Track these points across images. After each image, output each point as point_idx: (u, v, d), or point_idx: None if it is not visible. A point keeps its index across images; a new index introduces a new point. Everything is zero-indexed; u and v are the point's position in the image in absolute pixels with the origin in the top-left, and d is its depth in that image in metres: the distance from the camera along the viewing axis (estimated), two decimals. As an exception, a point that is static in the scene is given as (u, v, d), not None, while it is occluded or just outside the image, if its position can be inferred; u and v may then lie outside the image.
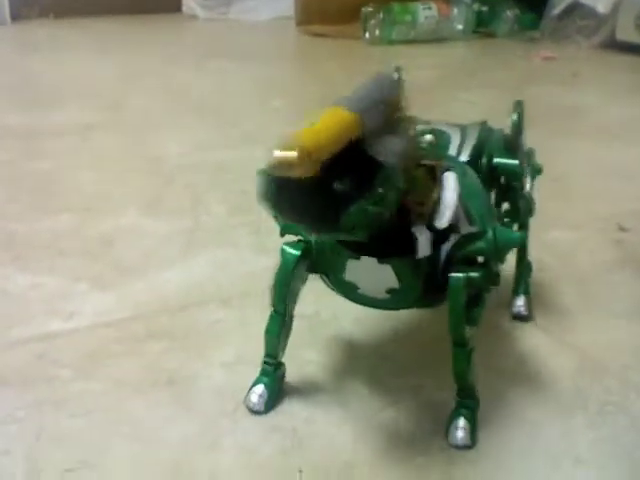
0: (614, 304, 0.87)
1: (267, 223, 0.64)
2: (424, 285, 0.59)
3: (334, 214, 0.48)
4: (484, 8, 2.89)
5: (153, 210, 1.13)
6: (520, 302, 0.82)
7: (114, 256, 0.98)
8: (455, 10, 2.82)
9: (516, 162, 0.71)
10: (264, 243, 0.60)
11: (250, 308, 0.83)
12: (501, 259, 0.60)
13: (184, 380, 0.71)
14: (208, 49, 2.63)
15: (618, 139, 1.57)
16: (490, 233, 0.58)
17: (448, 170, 0.58)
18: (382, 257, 0.56)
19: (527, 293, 0.83)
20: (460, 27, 2.84)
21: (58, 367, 0.73)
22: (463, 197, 0.59)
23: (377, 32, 2.71)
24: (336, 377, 0.73)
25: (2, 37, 2.83)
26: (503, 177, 0.72)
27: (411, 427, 0.65)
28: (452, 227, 0.57)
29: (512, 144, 0.72)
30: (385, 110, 0.49)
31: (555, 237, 1.02)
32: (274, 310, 0.65)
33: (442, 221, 0.55)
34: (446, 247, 0.58)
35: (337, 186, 0.47)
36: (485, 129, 0.73)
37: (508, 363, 0.75)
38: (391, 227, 0.52)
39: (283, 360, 0.68)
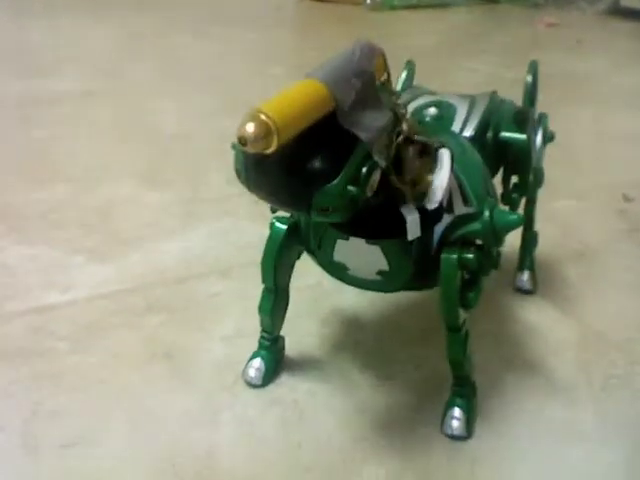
0: (619, 275, 0.86)
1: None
2: (416, 267, 0.56)
3: (307, 193, 0.45)
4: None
5: (151, 180, 1.12)
6: (525, 277, 0.81)
7: (111, 227, 0.97)
8: (458, -25, 2.77)
9: (524, 137, 0.68)
10: (264, 213, 0.59)
11: (250, 280, 0.81)
12: (499, 242, 0.57)
13: (183, 353, 0.70)
14: (206, 15, 2.59)
15: (622, 106, 1.55)
16: (487, 214, 0.54)
17: (442, 147, 0.54)
18: (371, 238, 0.54)
19: (532, 269, 0.82)
20: (462, -8, 2.80)
21: (55, 340, 0.72)
22: (459, 176, 0.56)
23: (378, -3, 2.67)
24: (338, 349, 0.72)
25: (-3, 4, 2.79)
26: (510, 152, 0.69)
27: (414, 399, 0.65)
28: (445, 207, 0.54)
29: (522, 117, 0.69)
30: (361, 81, 0.45)
31: (559, 206, 1.01)
32: (265, 287, 0.63)
33: (432, 201, 0.52)
34: (439, 228, 0.55)
35: (310, 162, 0.44)
36: (495, 101, 0.70)
37: (511, 336, 0.74)
38: (378, 207, 0.49)
39: (284, 332, 0.67)
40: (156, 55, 1.97)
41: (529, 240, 0.81)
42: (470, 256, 0.55)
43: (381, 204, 0.49)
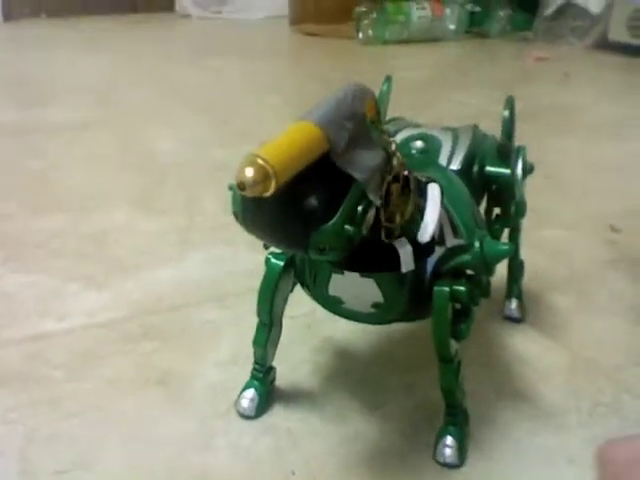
0: (607, 303, 0.87)
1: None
2: (410, 299, 0.57)
3: (305, 233, 0.46)
4: (477, 8, 2.90)
5: (148, 208, 1.13)
6: (512, 305, 0.82)
7: (107, 255, 0.98)
8: (448, 10, 2.82)
9: (508, 171, 0.70)
10: (259, 241, 0.60)
11: (245, 307, 0.82)
12: (489, 272, 0.58)
13: (178, 380, 0.71)
14: (202, 47, 2.63)
15: (610, 136, 1.58)
16: (477, 245, 0.56)
17: (431, 181, 0.55)
18: (365, 271, 0.55)
19: (519, 297, 0.83)
20: (453, 27, 2.85)
21: (51, 368, 0.73)
22: (448, 208, 0.57)
23: (370, 32, 2.72)
24: (331, 376, 0.73)
25: (-6, 35, 2.82)
26: (495, 185, 0.71)
27: (405, 426, 0.65)
28: (436, 240, 0.55)
29: (506, 151, 0.71)
30: (354, 123, 0.46)
31: (547, 235, 1.03)
32: (260, 321, 0.64)
33: (425, 235, 0.53)
34: (432, 260, 0.56)
35: (306, 203, 0.45)
36: (478, 135, 0.72)
37: (501, 364, 0.75)
38: (372, 241, 0.50)
39: (277, 360, 0.68)
40: (153, 85, 1.99)
41: (515, 269, 0.82)
42: (462, 289, 0.56)
43: (375, 238, 0.50)
